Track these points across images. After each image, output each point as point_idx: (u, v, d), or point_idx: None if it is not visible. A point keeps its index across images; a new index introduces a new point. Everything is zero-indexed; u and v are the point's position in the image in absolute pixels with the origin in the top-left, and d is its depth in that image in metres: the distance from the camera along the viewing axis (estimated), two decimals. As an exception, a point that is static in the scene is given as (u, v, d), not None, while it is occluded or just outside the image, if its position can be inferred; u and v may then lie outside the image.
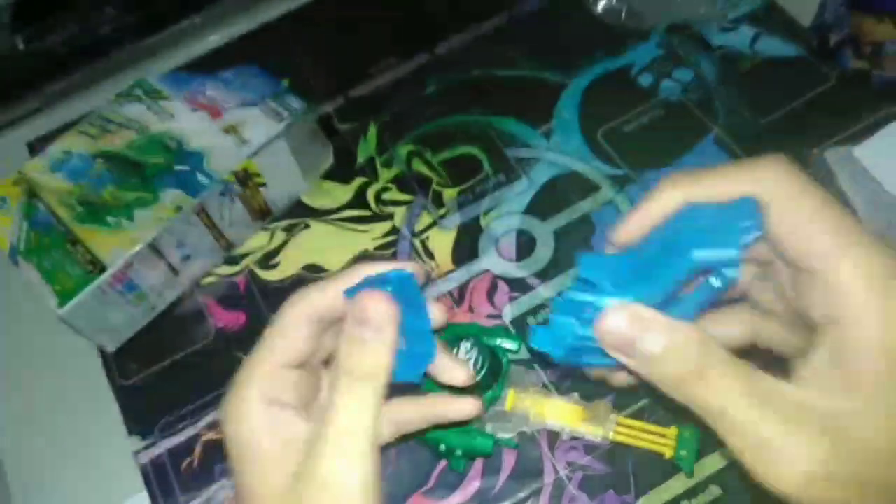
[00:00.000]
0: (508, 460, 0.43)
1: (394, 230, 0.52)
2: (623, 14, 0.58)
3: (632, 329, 0.24)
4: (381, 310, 0.28)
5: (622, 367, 0.25)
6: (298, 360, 0.30)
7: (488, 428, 0.42)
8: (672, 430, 0.41)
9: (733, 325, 0.29)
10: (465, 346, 0.40)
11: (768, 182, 0.24)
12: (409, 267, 0.29)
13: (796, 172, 0.24)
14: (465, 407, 0.32)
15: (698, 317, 0.27)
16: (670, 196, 0.26)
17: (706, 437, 0.42)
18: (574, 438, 0.43)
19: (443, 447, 0.41)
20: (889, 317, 0.21)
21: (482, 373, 0.40)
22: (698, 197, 0.26)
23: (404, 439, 0.34)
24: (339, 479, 0.26)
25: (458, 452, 0.40)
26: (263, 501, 0.27)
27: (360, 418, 0.27)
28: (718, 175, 0.25)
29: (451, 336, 0.41)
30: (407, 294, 0.29)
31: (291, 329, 0.29)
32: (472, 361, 0.39)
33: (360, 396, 0.28)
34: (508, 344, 0.43)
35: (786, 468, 0.22)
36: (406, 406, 0.32)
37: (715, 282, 0.26)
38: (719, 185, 0.25)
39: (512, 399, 0.42)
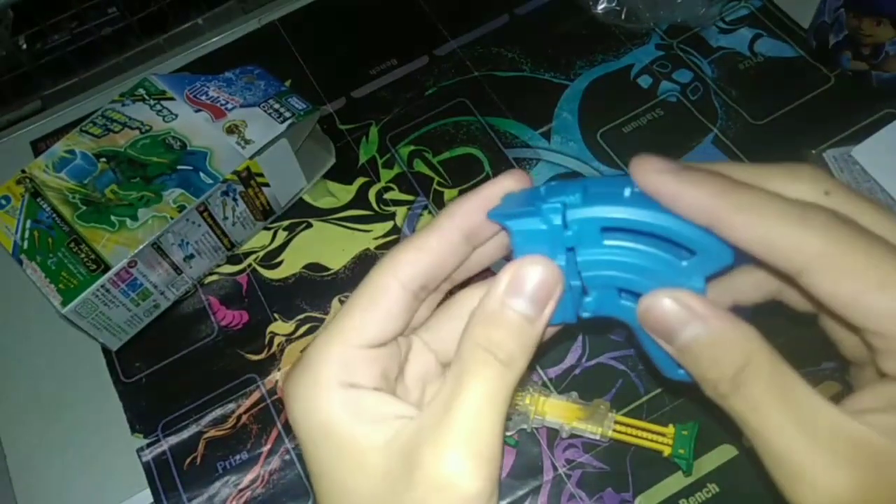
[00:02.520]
0: (507, 458, 0.44)
1: (395, 230, 0.52)
2: (623, 15, 0.59)
3: (677, 317, 0.22)
4: (545, 280, 0.22)
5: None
6: (384, 340, 0.24)
7: None
8: (670, 429, 0.42)
9: (758, 286, 0.26)
10: None
11: (815, 235, 0.20)
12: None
13: (839, 217, 0.20)
14: None
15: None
16: (693, 202, 0.22)
17: (704, 436, 0.42)
18: (573, 436, 0.43)
19: None
20: None
21: None
22: (723, 230, 0.21)
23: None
24: (459, 482, 0.21)
25: None
26: (354, 500, 0.23)
27: (491, 409, 0.22)
28: (752, 213, 0.21)
29: None
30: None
31: (380, 298, 0.24)
32: None
33: (496, 382, 0.22)
34: None
35: (811, 493, 0.20)
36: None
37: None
38: (749, 230, 0.21)
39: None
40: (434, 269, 0.24)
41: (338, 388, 0.23)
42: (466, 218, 0.24)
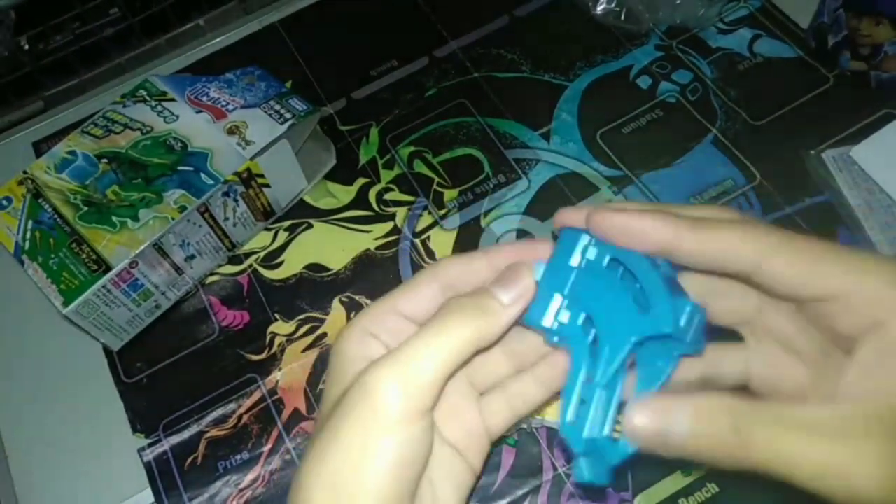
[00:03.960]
0: (507, 457, 0.44)
1: (395, 230, 0.52)
2: (622, 16, 0.59)
3: (657, 422, 0.24)
4: (525, 283, 0.28)
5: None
6: (414, 314, 0.29)
7: None
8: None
9: (731, 365, 0.29)
10: None
11: (752, 238, 0.24)
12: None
13: (768, 226, 0.25)
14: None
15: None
16: (656, 231, 0.25)
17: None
18: (573, 436, 0.43)
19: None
20: None
21: None
22: (683, 248, 0.25)
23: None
24: (379, 393, 0.25)
25: None
26: (322, 408, 0.28)
27: (433, 354, 0.26)
28: (706, 230, 0.25)
29: None
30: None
31: (418, 284, 0.29)
32: None
33: (447, 335, 0.26)
34: None
35: (859, 483, 0.22)
36: (525, 380, 0.31)
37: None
38: (707, 242, 0.25)
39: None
40: (463, 279, 0.30)
41: (362, 334, 0.29)
42: (494, 258, 0.30)
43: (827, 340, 0.25)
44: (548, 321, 0.28)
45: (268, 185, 0.51)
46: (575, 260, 0.28)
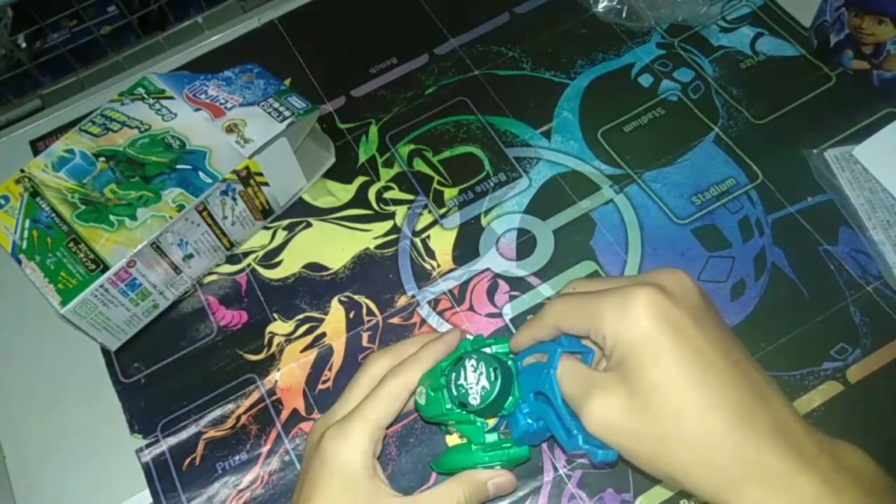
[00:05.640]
0: (508, 459, 0.43)
1: (395, 229, 0.52)
2: (623, 14, 0.59)
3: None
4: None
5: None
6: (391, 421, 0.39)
7: None
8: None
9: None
10: (471, 363, 0.38)
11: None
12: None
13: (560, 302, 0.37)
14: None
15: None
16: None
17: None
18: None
19: (481, 469, 0.39)
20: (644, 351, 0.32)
21: (500, 381, 0.38)
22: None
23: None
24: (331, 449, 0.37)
25: (498, 467, 0.39)
26: None
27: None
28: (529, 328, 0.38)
29: (452, 360, 0.40)
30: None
31: (396, 400, 0.39)
32: (484, 375, 0.38)
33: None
34: (499, 347, 0.41)
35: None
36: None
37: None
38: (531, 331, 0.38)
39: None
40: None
41: (370, 462, 0.38)
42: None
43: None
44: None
45: (266, 184, 0.50)
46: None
